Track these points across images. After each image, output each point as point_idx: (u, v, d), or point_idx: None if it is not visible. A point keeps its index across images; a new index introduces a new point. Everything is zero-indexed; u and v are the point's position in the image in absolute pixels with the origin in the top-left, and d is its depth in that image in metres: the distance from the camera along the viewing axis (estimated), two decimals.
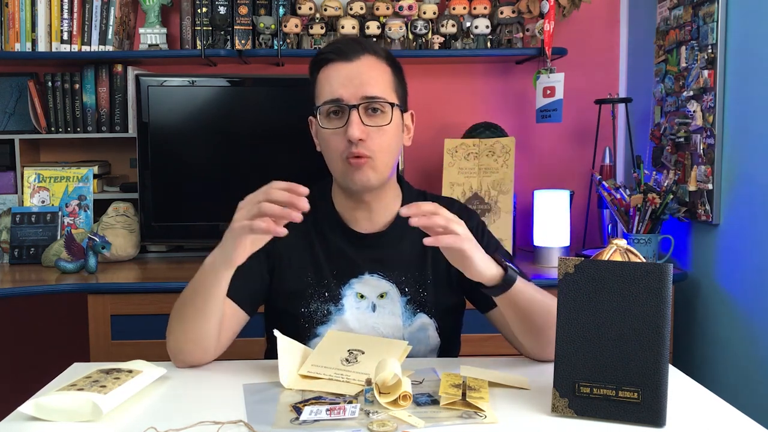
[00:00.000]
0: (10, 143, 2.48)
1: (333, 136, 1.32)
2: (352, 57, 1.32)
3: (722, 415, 1.09)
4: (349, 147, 1.30)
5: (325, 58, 1.34)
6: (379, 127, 1.31)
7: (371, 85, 1.31)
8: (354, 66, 1.32)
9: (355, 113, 1.29)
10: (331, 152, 1.33)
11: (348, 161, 1.31)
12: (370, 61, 1.33)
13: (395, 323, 1.38)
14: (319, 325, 1.38)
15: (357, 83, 1.30)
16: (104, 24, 2.46)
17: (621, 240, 1.11)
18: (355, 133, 1.28)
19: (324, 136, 1.34)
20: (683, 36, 2.20)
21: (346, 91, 1.30)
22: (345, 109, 1.30)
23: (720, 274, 2.08)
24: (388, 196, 1.41)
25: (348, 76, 1.31)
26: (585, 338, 1.05)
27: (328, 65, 1.34)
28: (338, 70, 1.32)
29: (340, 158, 1.32)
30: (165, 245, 2.55)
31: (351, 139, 1.28)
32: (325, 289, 1.39)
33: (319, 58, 1.36)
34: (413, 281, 1.40)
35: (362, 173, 1.31)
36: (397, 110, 1.35)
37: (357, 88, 1.30)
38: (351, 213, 1.40)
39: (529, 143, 2.68)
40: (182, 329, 1.28)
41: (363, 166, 1.30)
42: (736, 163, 1.98)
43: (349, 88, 1.30)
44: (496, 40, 2.52)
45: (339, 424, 1.02)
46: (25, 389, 1.30)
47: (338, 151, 1.32)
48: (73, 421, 1.06)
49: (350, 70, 1.32)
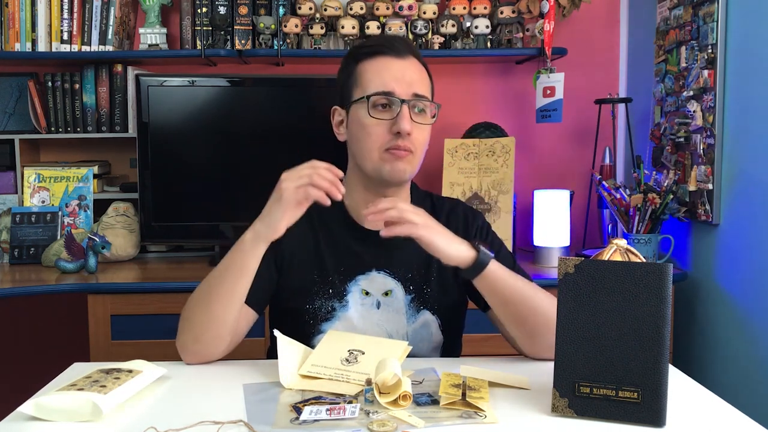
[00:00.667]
0: (10, 143, 2.49)
1: (377, 127, 1.34)
2: (403, 54, 1.37)
3: (722, 415, 1.09)
4: (394, 139, 1.32)
5: (375, 51, 1.37)
6: (422, 125, 1.36)
7: (420, 84, 1.36)
8: (405, 63, 1.36)
9: (406, 108, 1.32)
10: (371, 142, 1.34)
11: (389, 152, 1.33)
12: (415, 62, 1.39)
13: (399, 321, 1.39)
14: (324, 321, 1.39)
15: (408, 80, 1.34)
16: (104, 24, 2.46)
17: (621, 240, 1.11)
18: (407, 126, 1.31)
19: (366, 125, 1.35)
20: (683, 36, 2.20)
21: (398, 85, 1.33)
22: (396, 102, 1.33)
23: (720, 274, 2.08)
24: (402, 195, 1.44)
25: (400, 71, 1.35)
26: (585, 338, 1.05)
27: (376, 57, 1.36)
28: (390, 64, 1.35)
29: (379, 149, 1.34)
30: (165, 245, 2.55)
31: (402, 132, 1.31)
32: (330, 285, 1.39)
33: (366, 50, 1.39)
34: (418, 279, 1.41)
35: (401, 165, 1.34)
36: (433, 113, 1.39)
37: (408, 85, 1.34)
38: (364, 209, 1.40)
39: (529, 143, 2.68)
40: (207, 313, 1.27)
41: (404, 158, 1.34)
42: (736, 163, 1.98)
43: (401, 83, 1.33)
44: (496, 40, 2.52)
45: (339, 424, 1.02)
46: (25, 389, 1.30)
47: (379, 142, 1.34)
48: (73, 421, 1.06)
49: (402, 66, 1.36)
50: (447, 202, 1.50)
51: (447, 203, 1.49)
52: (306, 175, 1.22)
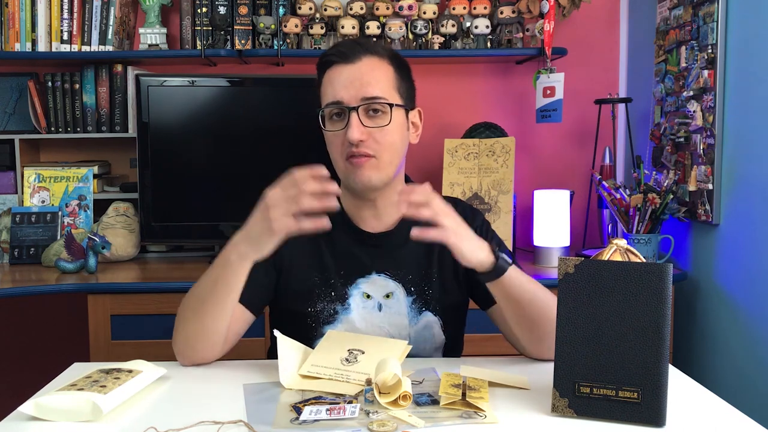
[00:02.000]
0: (10, 143, 2.48)
1: (335, 138, 1.34)
2: (352, 59, 1.33)
3: (722, 415, 1.09)
4: (349, 148, 1.31)
5: (328, 61, 1.36)
6: (380, 127, 1.32)
7: (371, 85, 1.32)
8: (355, 68, 1.33)
9: (354, 115, 1.31)
10: (334, 153, 1.36)
11: (349, 161, 1.33)
12: (371, 61, 1.34)
13: (401, 323, 1.39)
14: (326, 324, 1.39)
15: (357, 85, 1.32)
16: (104, 24, 2.46)
17: (621, 240, 1.11)
18: (354, 135, 1.29)
19: (327, 137, 1.37)
20: (683, 36, 2.20)
21: (347, 93, 1.32)
22: (345, 111, 1.32)
23: (720, 274, 2.08)
24: (394, 195, 1.40)
25: (348, 78, 1.32)
26: (585, 338, 1.05)
27: (330, 68, 1.35)
28: (340, 73, 1.34)
29: (341, 159, 1.34)
30: (165, 245, 2.55)
31: (350, 141, 1.30)
32: (332, 288, 1.39)
33: (322, 61, 1.38)
34: (419, 280, 1.41)
35: (363, 172, 1.32)
36: (398, 110, 1.35)
37: (357, 90, 1.31)
38: (358, 212, 1.41)
39: (529, 143, 2.68)
40: (197, 323, 1.28)
41: (364, 164, 1.32)
42: (736, 163, 1.98)
43: (350, 90, 1.32)
44: (496, 40, 2.52)
45: (339, 424, 1.02)
46: (25, 389, 1.30)
47: (338, 152, 1.34)
48: (73, 421, 1.06)
49: (351, 71, 1.33)
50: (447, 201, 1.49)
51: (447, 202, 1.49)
52: (293, 199, 1.16)
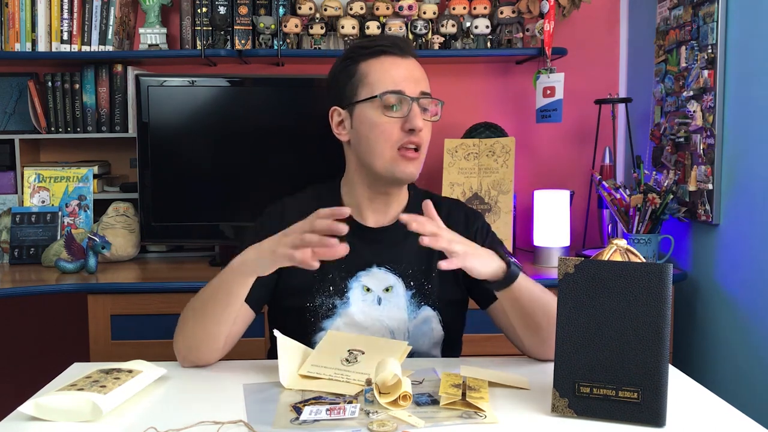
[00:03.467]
0: (10, 143, 2.48)
1: (389, 126, 1.35)
2: (406, 54, 1.40)
3: (722, 415, 1.09)
4: (406, 136, 1.34)
5: (380, 50, 1.38)
6: (430, 122, 1.38)
7: (425, 83, 1.39)
8: (410, 62, 1.39)
9: (416, 106, 1.35)
10: (384, 141, 1.36)
11: (401, 152, 1.35)
12: (416, 62, 1.42)
13: (400, 316, 1.40)
14: (325, 319, 1.39)
15: (416, 79, 1.37)
16: (104, 24, 2.46)
17: (621, 240, 1.11)
18: (420, 123, 1.33)
19: (379, 123, 1.36)
20: (683, 36, 2.20)
21: (407, 84, 1.36)
22: (406, 101, 1.35)
23: (720, 274, 2.08)
24: (403, 192, 1.46)
25: (408, 70, 1.37)
26: (585, 338, 1.05)
27: (381, 57, 1.38)
28: (396, 63, 1.38)
29: (392, 147, 1.35)
30: (165, 245, 2.55)
31: (416, 128, 1.33)
32: (330, 283, 1.39)
33: (369, 50, 1.39)
34: (419, 274, 1.41)
35: (411, 167, 1.36)
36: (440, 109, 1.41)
37: (416, 84, 1.37)
38: (368, 205, 1.42)
39: (529, 143, 2.68)
40: (199, 329, 1.29)
41: (415, 160, 1.36)
42: (736, 163, 1.98)
43: (410, 82, 1.36)
44: (496, 40, 2.52)
45: (339, 424, 1.02)
46: (25, 389, 1.30)
47: (392, 141, 1.35)
48: (73, 421, 1.06)
49: (407, 65, 1.39)
50: (447, 203, 1.51)
51: (447, 204, 1.50)
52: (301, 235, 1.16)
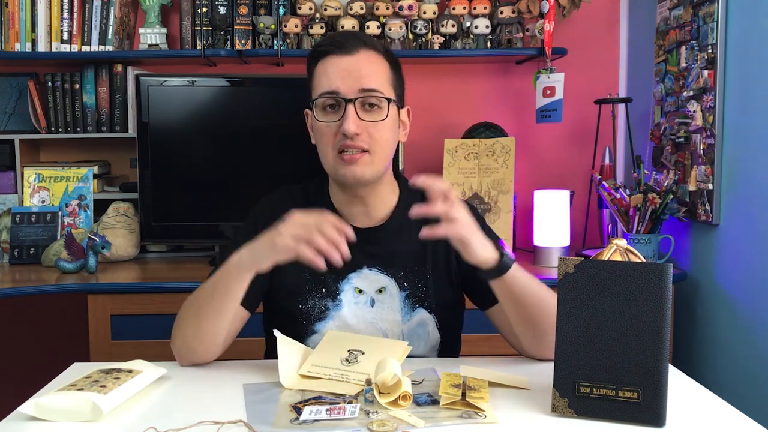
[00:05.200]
0: (10, 143, 2.48)
1: (327, 129, 1.32)
2: (351, 50, 1.32)
3: (722, 415, 1.09)
4: (343, 140, 1.29)
5: (324, 51, 1.34)
6: (375, 122, 1.31)
7: (369, 78, 1.31)
8: (353, 59, 1.32)
9: (351, 107, 1.29)
10: (324, 145, 1.33)
11: (341, 156, 1.31)
12: (368, 55, 1.33)
13: (394, 318, 1.38)
14: (317, 321, 1.38)
15: (355, 76, 1.30)
16: (104, 24, 2.46)
17: (621, 240, 1.11)
18: (351, 127, 1.28)
19: (319, 128, 1.34)
20: (683, 36, 2.20)
21: (344, 84, 1.30)
22: (341, 102, 1.30)
23: (720, 274, 2.08)
24: (384, 191, 1.41)
25: (346, 69, 1.31)
26: (585, 338, 1.05)
27: (326, 58, 1.33)
28: (336, 63, 1.32)
29: (332, 152, 1.32)
30: (165, 245, 2.55)
31: (346, 133, 1.28)
32: (322, 285, 1.38)
33: (317, 51, 1.36)
34: (412, 276, 1.39)
35: (357, 169, 1.31)
36: (393, 106, 1.34)
37: (355, 82, 1.30)
38: (347, 208, 1.40)
39: (529, 143, 2.68)
40: (197, 327, 1.29)
41: (357, 161, 1.30)
42: (736, 163, 1.98)
43: (347, 81, 1.30)
44: (496, 40, 2.52)
45: (339, 424, 1.02)
46: (25, 389, 1.30)
47: (331, 145, 1.32)
48: (73, 421, 1.06)
49: (348, 63, 1.31)
50: None
51: None
52: (308, 228, 1.16)
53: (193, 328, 1.29)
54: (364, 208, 1.39)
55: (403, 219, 1.40)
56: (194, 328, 1.29)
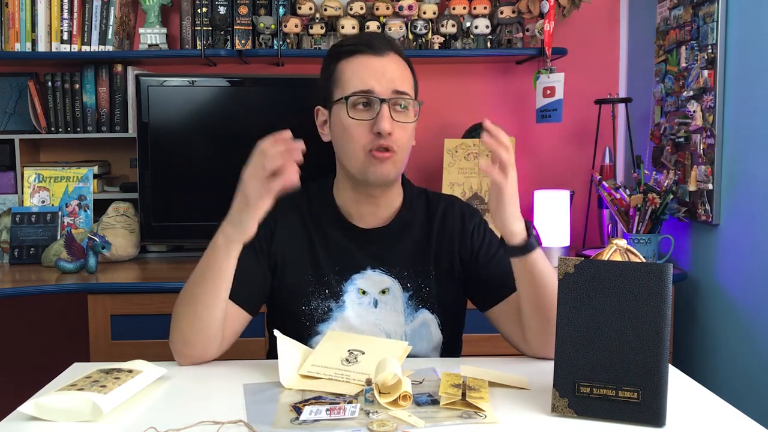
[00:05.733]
0: (10, 143, 2.48)
1: (358, 128, 1.32)
2: (381, 52, 1.34)
3: (722, 415, 1.09)
4: (376, 140, 1.30)
5: (351, 50, 1.35)
6: (405, 123, 1.33)
7: (401, 81, 1.34)
8: (384, 60, 1.34)
9: (386, 107, 1.30)
10: (354, 144, 1.33)
11: (372, 154, 1.31)
12: (396, 58, 1.36)
13: (397, 319, 1.38)
14: (321, 322, 1.38)
15: (388, 78, 1.32)
16: (104, 24, 2.46)
17: (621, 240, 1.11)
18: (386, 126, 1.29)
19: (348, 126, 1.33)
20: (683, 36, 2.20)
21: (378, 84, 1.31)
22: (375, 101, 1.31)
23: (720, 274, 2.08)
24: (393, 192, 1.42)
25: (380, 70, 1.32)
26: (585, 338, 1.05)
27: (355, 56, 1.34)
28: (367, 63, 1.33)
29: (362, 150, 1.32)
30: (165, 245, 2.55)
31: (382, 132, 1.29)
32: (326, 286, 1.38)
33: (342, 49, 1.37)
34: (416, 276, 1.40)
35: (385, 168, 1.32)
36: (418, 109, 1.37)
37: (389, 83, 1.32)
38: (356, 208, 1.40)
39: (529, 143, 2.68)
40: (193, 316, 1.27)
41: (387, 160, 1.32)
42: (736, 163, 1.98)
43: (381, 81, 1.31)
44: (496, 40, 2.52)
45: (339, 424, 1.02)
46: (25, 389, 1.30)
47: (361, 143, 1.32)
48: (73, 421, 1.06)
49: (381, 64, 1.33)
50: (443, 199, 1.48)
51: (443, 200, 1.47)
52: (259, 165, 1.20)
53: (190, 318, 1.27)
54: (374, 208, 1.40)
55: (406, 220, 1.40)
56: (190, 318, 1.27)
